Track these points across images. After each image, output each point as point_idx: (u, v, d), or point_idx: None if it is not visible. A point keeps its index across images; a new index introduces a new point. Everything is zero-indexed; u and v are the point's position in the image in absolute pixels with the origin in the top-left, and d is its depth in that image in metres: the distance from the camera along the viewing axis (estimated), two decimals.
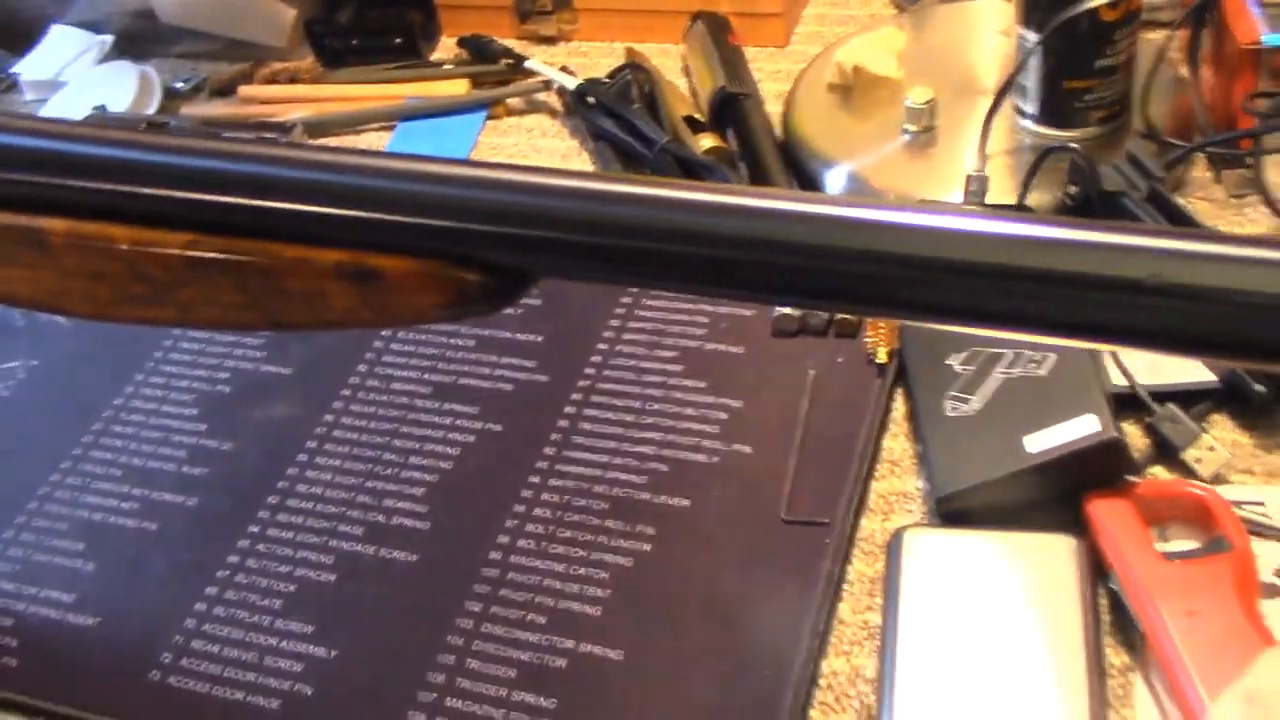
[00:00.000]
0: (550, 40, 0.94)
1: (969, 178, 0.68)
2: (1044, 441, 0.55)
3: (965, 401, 0.58)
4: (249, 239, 0.38)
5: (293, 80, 0.92)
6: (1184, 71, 0.75)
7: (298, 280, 0.39)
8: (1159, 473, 0.57)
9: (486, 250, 0.36)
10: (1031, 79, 0.71)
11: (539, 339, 0.70)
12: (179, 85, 0.95)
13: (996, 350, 0.59)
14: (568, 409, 0.65)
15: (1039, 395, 0.57)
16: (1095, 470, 0.54)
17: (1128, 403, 0.59)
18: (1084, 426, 0.54)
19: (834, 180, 0.75)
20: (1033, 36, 0.69)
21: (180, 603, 0.59)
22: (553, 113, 0.87)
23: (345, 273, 0.38)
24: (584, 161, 0.82)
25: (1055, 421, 0.55)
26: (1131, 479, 0.55)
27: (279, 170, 0.38)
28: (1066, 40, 0.68)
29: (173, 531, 0.63)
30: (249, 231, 0.38)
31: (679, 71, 0.88)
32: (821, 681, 0.52)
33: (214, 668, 0.56)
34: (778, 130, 0.80)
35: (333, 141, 0.88)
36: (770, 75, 0.86)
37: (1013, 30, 0.71)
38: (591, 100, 0.83)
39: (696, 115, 0.80)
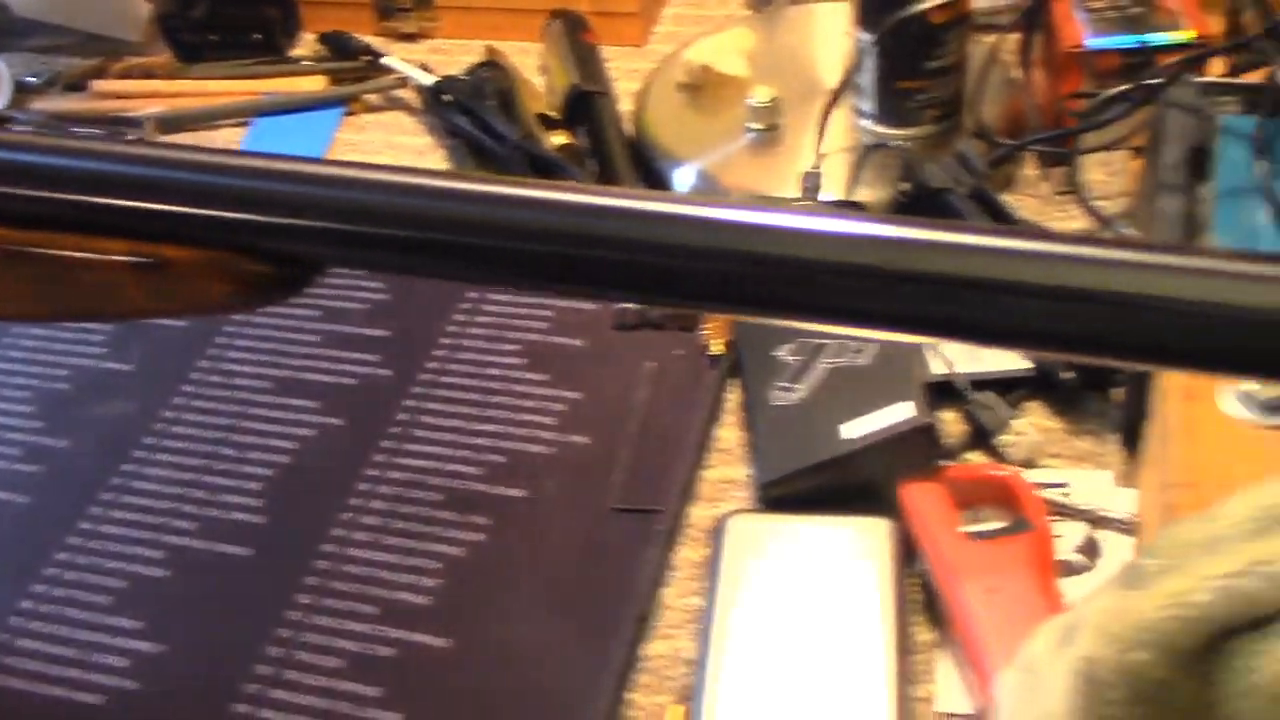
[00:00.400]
0: (411, 38, 0.94)
1: (804, 174, 0.70)
2: (860, 428, 0.57)
3: (791, 391, 0.60)
4: (36, 230, 0.38)
5: (147, 75, 0.91)
6: (1017, 74, 0.78)
7: (89, 272, 0.39)
8: (975, 458, 0.60)
9: (268, 240, 0.36)
10: (867, 79, 0.73)
11: (385, 334, 0.70)
12: (30, 79, 0.93)
13: (821, 341, 0.61)
14: (409, 403, 0.66)
15: (859, 384, 0.59)
16: (909, 455, 0.56)
17: (947, 390, 0.61)
18: (898, 413, 0.56)
19: (682, 178, 0.76)
20: (867, 38, 0.71)
21: (4, 601, 0.58)
22: (410, 110, 0.88)
23: (134, 264, 0.38)
24: (439, 159, 0.83)
25: (872, 409, 0.57)
26: (944, 464, 0.57)
27: (64, 162, 0.38)
28: (898, 42, 0.70)
29: (1, 530, 0.62)
30: (36, 223, 0.38)
31: (537, 70, 0.89)
32: (643, 665, 0.54)
33: (37, 665, 0.55)
34: (629, 128, 0.81)
35: (187, 138, 0.87)
36: (627, 74, 0.87)
37: (852, 32, 0.73)
38: (447, 97, 0.83)
39: (550, 113, 0.81)
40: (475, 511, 0.60)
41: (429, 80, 0.85)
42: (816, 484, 0.57)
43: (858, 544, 0.55)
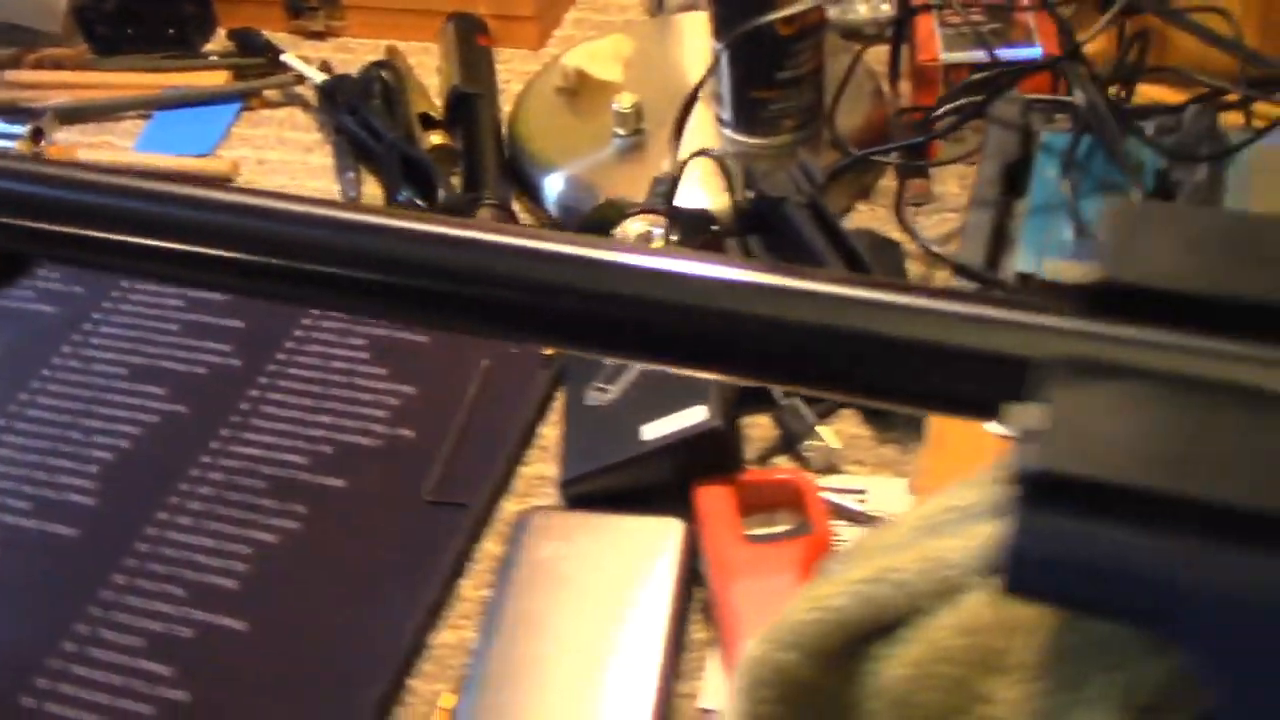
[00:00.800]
0: (320, 35, 0.96)
1: (653, 179, 0.71)
2: (658, 430, 0.58)
3: (605, 391, 0.61)
4: None
5: (58, 66, 0.93)
6: (885, 85, 0.79)
7: None
8: (782, 462, 0.61)
9: None
10: (725, 88, 0.74)
11: (240, 325, 0.72)
12: None
13: None
14: (253, 393, 0.68)
15: (666, 387, 0.60)
16: (703, 458, 0.58)
17: (764, 396, 0.62)
18: (693, 416, 0.58)
19: (551, 183, 0.78)
20: (720, 47, 0.72)
21: None
22: (306, 106, 0.90)
23: None
24: (325, 154, 0.85)
25: (673, 411, 0.58)
26: (739, 467, 0.58)
27: None
28: (751, 52, 0.71)
29: None
30: None
31: (435, 70, 0.90)
32: (430, 653, 0.55)
33: None
34: (507, 131, 0.82)
35: (90, 128, 0.90)
36: (521, 77, 0.89)
37: (710, 40, 0.74)
38: (336, 96, 0.85)
39: (433, 113, 0.83)
40: (295, 500, 0.62)
41: (320, 78, 0.87)
42: (615, 483, 0.59)
43: (648, 543, 0.56)
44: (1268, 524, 0.23)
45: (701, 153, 0.68)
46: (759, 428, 0.62)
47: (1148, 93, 0.69)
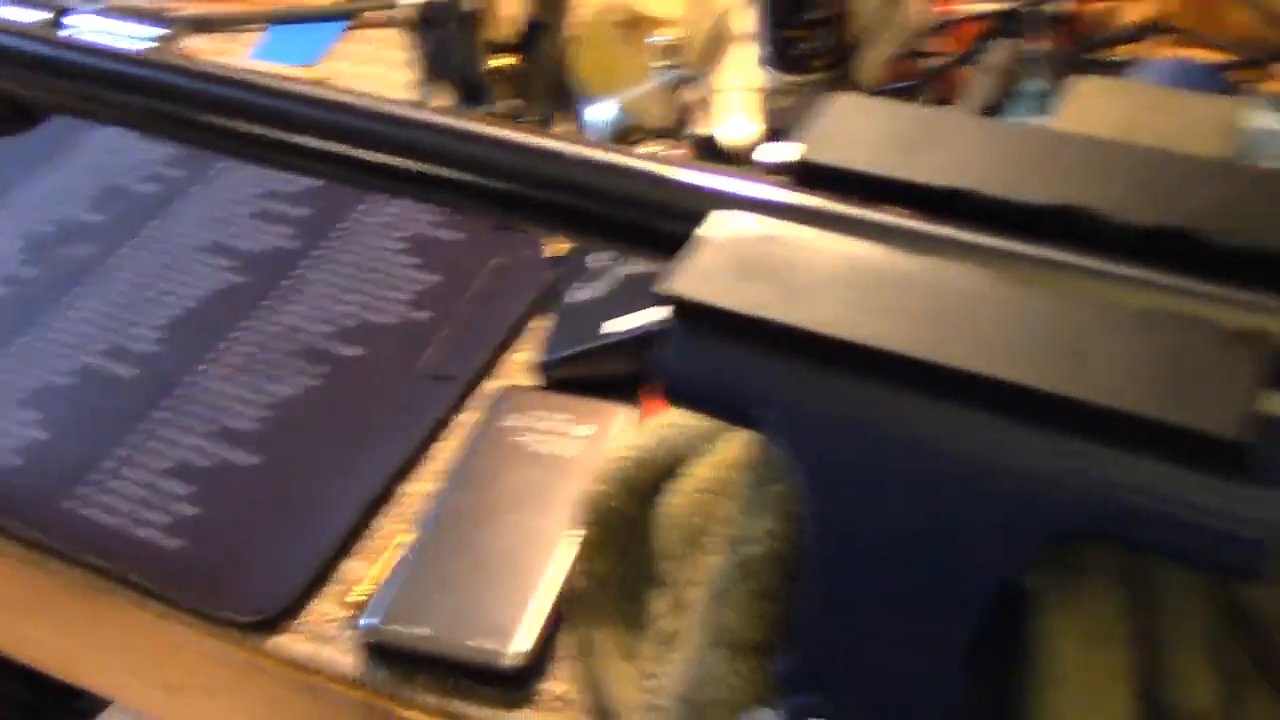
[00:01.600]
0: None
1: (677, 109, 0.76)
2: (618, 325, 0.64)
3: (586, 291, 0.68)
4: None
5: None
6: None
7: None
8: None
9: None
10: (761, 27, 0.79)
11: (306, 212, 0.81)
12: None
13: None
14: (299, 270, 0.77)
15: (643, 291, 0.66)
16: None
17: None
18: (651, 315, 0.63)
19: (598, 112, 0.84)
20: None
21: None
22: (404, 28, 0.98)
23: None
24: (411, 71, 0.93)
25: (637, 310, 0.64)
26: None
27: None
28: None
29: None
30: None
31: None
32: (398, 500, 0.63)
33: None
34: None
35: (218, 38, 1.01)
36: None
37: None
38: (427, 20, 0.93)
39: (506, 40, 0.90)
40: (317, 363, 0.71)
41: (415, 2, 0.95)
42: (582, 371, 0.65)
43: (598, 424, 0.63)
44: (832, 344, 0.28)
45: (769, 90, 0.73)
46: None
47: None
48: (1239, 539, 0.24)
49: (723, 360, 0.29)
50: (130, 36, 0.98)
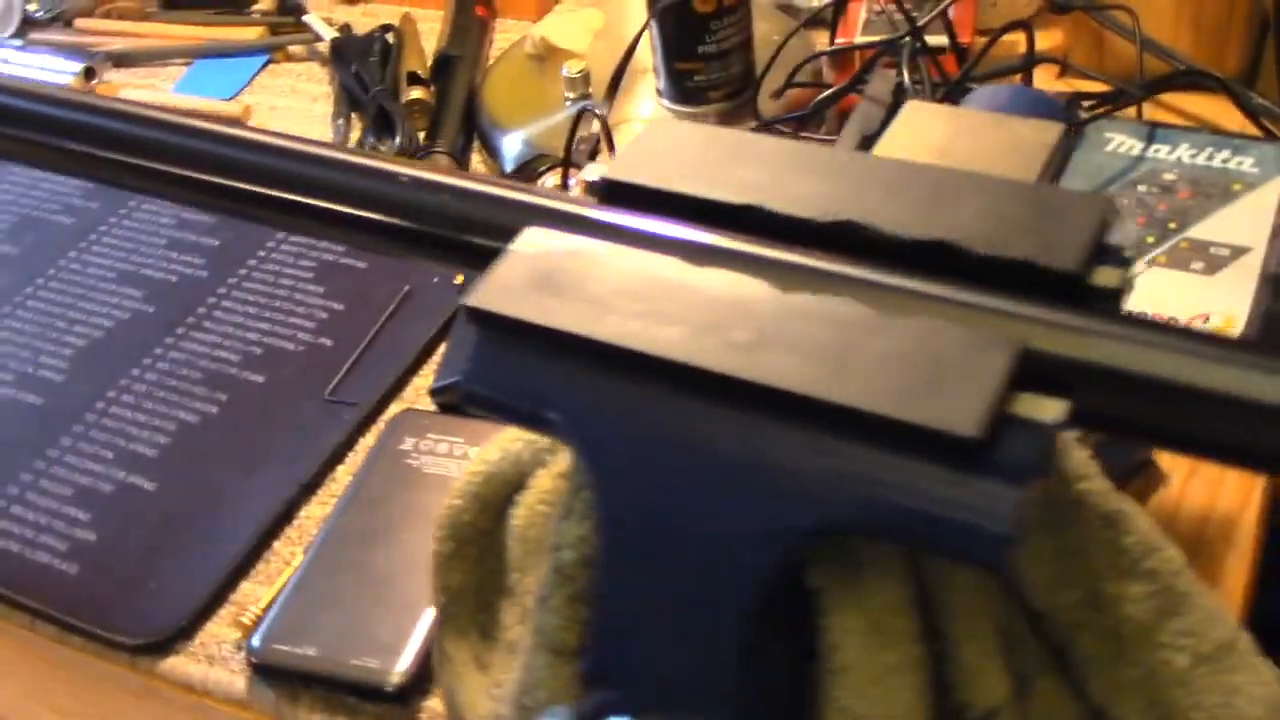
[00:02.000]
0: (352, 0, 1.07)
1: (576, 139, 0.78)
2: None
3: None
4: None
5: (123, 17, 1.05)
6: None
7: None
8: None
9: None
10: (658, 59, 0.81)
11: (216, 242, 0.82)
12: (38, 14, 1.09)
13: None
14: (210, 300, 0.78)
15: None
16: None
17: None
18: None
19: (508, 144, 0.86)
20: (651, 20, 0.79)
21: None
22: (323, 61, 1.00)
23: None
24: (329, 104, 0.94)
25: None
26: None
27: None
28: (674, 27, 0.78)
29: None
30: None
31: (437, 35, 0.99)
32: (296, 523, 0.64)
33: None
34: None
35: (140, 70, 1.02)
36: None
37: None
38: (342, 53, 0.95)
39: (421, 73, 0.92)
40: (220, 390, 0.71)
41: (332, 36, 0.97)
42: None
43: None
44: (613, 351, 0.29)
45: (580, 116, 0.75)
46: None
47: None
48: (983, 531, 0.26)
49: (516, 366, 0.30)
50: (51, 70, 0.99)
